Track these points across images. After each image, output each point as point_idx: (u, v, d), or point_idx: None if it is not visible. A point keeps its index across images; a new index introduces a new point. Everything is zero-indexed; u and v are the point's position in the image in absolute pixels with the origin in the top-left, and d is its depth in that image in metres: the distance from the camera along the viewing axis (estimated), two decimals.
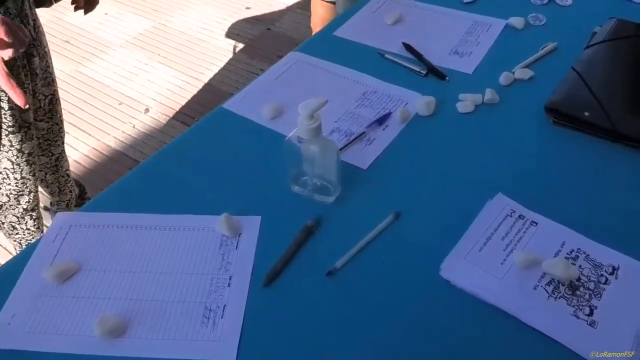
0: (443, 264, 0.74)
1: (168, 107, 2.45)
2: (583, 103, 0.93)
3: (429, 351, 0.67)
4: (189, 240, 0.80)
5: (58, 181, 1.58)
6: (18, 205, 1.41)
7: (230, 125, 0.99)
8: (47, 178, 1.55)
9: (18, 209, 1.42)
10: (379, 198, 0.85)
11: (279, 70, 1.10)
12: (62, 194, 1.62)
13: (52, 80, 1.37)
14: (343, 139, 0.94)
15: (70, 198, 1.65)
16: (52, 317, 0.71)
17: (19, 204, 1.41)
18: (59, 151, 1.50)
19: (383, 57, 1.12)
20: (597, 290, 0.71)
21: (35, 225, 1.50)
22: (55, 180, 1.57)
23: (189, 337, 0.69)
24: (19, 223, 1.47)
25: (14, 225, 1.47)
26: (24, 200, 1.41)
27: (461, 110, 0.99)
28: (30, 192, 1.41)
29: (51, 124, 1.42)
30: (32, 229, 1.50)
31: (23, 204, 1.42)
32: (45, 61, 1.33)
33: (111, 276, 0.76)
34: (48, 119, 1.40)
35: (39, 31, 1.27)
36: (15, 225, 1.48)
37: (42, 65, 1.31)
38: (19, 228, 1.49)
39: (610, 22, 1.10)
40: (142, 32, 2.93)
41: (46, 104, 1.37)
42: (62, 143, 1.50)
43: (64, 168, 1.56)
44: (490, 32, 1.17)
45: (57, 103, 1.41)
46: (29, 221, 1.48)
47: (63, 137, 1.50)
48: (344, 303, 0.72)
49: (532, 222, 0.79)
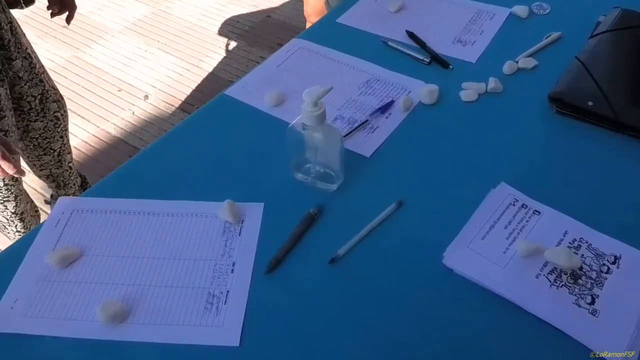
0: (446, 252, 0.75)
1: (167, 94, 2.44)
2: (586, 93, 0.93)
3: (431, 339, 0.67)
4: (192, 226, 0.79)
5: (63, 175, 1.58)
6: (5, 209, 1.41)
7: (233, 112, 0.99)
8: (52, 173, 1.55)
9: (7, 212, 1.42)
10: (381, 186, 0.85)
11: (281, 57, 1.10)
12: (67, 188, 1.62)
13: (40, 79, 1.32)
14: (346, 126, 0.94)
15: (74, 191, 1.65)
16: (55, 301, 0.71)
17: (6, 209, 1.41)
18: (58, 146, 1.48)
19: (386, 44, 1.11)
20: (599, 280, 0.71)
21: (24, 226, 1.49)
22: (60, 174, 1.57)
23: (193, 322, 0.69)
24: (8, 224, 1.47)
25: (4, 225, 1.48)
26: (11, 205, 1.40)
27: (464, 99, 0.98)
28: (17, 196, 1.39)
29: (45, 122, 1.39)
30: (22, 230, 1.50)
31: (10, 209, 1.41)
32: (30, 62, 1.28)
33: (114, 261, 0.76)
34: (42, 117, 1.37)
35: (17, 32, 1.23)
36: (5, 226, 1.48)
37: (25, 66, 1.26)
38: (9, 229, 1.49)
39: (615, 12, 1.09)
40: (141, 18, 2.91)
41: (37, 104, 1.34)
42: (61, 137, 1.48)
43: (67, 161, 1.55)
44: (494, 20, 1.17)
45: (48, 100, 1.37)
46: (18, 224, 1.48)
47: (62, 129, 1.47)
48: (346, 290, 0.72)
49: (534, 211, 0.79)
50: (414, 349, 0.67)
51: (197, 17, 2.92)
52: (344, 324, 0.69)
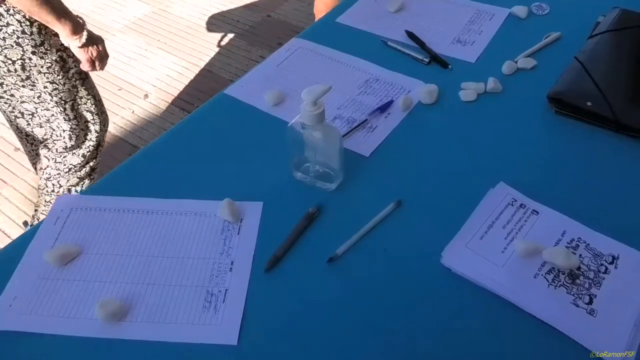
0: (444, 252, 0.75)
1: (167, 93, 2.44)
2: (586, 93, 0.93)
3: (429, 338, 0.67)
4: (191, 225, 0.80)
5: None
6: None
7: (232, 111, 0.99)
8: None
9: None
10: (380, 186, 0.85)
11: (281, 57, 1.10)
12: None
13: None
14: (345, 126, 0.94)
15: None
16: (54, 299, 0.71)
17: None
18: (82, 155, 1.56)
19: (386, 44, 1.11)
20: (597, 280, 0.71)
21: None
22: None
23: (191, 321, 0.69)
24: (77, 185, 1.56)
25: (70, 189, 1.55)
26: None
27: (464, 98, 0.99)
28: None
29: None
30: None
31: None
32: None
33: (113, 259, 0.76)
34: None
35: None
36: (71, 189, 1.55)
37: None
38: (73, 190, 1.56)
39: (614, 12, 1.09)
40: (141, 17, 2.91)
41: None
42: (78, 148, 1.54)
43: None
44: (493, 20, 1.17)
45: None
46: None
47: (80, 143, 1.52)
48: (345, 290, 0.72)
49: (533, 211, 0.79)
50: (411, 347, 0.67)
51: (197, 16, 2.92)
52: (342, 323, 0.69)
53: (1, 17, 1.20)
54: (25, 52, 1.25)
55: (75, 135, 1.47)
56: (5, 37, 1.22)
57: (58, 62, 1.32)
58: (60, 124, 1.43)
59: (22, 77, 1.30)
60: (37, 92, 1.34)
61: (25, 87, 1.33)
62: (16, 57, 1.26)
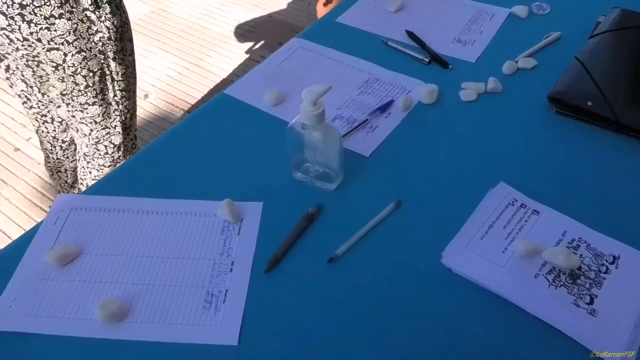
0: (444, 252, 0.75)
1: (167, 93, 2.44)
2: (586, 93, 0.93)
3: (430, 338, 0.67)
4: (191, 225, 0.79)
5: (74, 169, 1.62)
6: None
7: (232, 111, 0.99)
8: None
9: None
10: (380, 186, 0.85)
11: (281, 57, 1.10)
12: (76, 182, 1.65)
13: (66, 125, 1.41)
14: (345, 126, 0.94)
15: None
16: (54, 300, 0.71)
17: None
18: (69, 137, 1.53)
19: (386, 44, 1.11)
20: (598, 280, 0.71)
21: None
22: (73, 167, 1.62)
23: (191, 321, 0.69)
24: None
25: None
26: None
27: (464, 98, 0.98)
28: None
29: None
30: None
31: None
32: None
33: (113, 260, 0.76)
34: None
35: None
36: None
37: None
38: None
39: (615, 12, 1.09)
40: (141, 17, 2.91)
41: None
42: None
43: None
44: (494, 20, 1.17)
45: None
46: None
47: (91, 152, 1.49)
48: (345, 290, 0.72)
49: (533, 211, 0.79)
50: (411, 348, 0.67)
51: (197, 16, 2.92)
52: (342, 323, 0.69)
53: (92, 24, 1.15)
54: (107, 58, 1.23)
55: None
56: (91, 46, 1.18)
57: (130, 65, 1.31)
58: (113, 140, 1.41)
59: (96, 91, 1.27)
60: (103, 107, 1.32)
61: (95, 105, 1.30)
62: (97, 68, 1.23)
